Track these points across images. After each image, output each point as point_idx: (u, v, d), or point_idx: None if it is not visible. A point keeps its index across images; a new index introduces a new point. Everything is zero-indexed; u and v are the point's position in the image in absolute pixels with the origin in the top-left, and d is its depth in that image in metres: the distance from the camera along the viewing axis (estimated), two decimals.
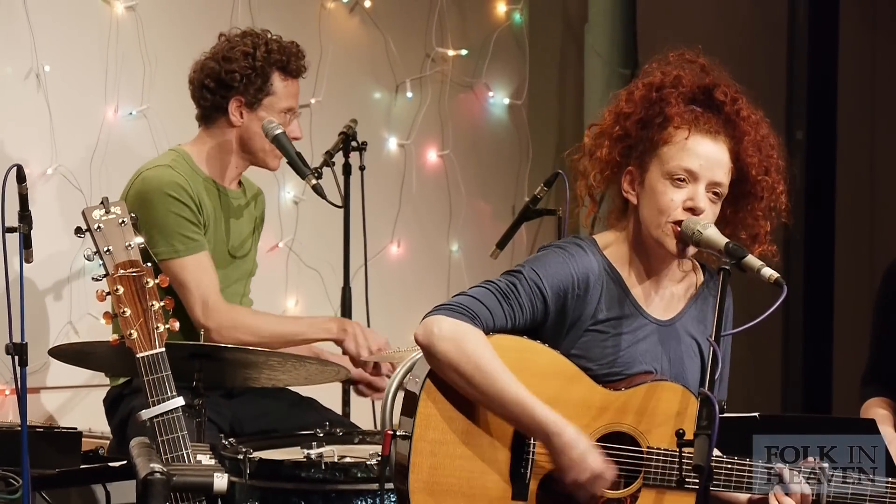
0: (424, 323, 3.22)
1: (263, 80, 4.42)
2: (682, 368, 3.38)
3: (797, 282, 6.83)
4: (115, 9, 5.20)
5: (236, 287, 4.54)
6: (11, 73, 4.97)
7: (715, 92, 3.35)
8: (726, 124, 3.33)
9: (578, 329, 3.31)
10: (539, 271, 3.29)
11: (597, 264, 3.34)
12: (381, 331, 4.58)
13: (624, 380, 3.31)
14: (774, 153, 3.40)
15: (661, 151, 3.31)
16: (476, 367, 3.17)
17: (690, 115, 3.31)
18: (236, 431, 4.34)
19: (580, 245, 3.36)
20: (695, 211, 3.27)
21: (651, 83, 3.37)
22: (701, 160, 3.29)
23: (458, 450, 3.21)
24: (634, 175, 3.35)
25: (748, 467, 3.27)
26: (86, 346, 3.96)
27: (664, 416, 3.28)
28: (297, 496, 3.76)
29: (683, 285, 3.44)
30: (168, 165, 4.37)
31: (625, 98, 3.39)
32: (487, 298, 3.25)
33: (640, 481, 3.27)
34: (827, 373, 6.93)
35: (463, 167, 6.29)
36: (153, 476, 2.74)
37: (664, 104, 3.32)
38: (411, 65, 6.15)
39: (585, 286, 3.30)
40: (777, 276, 3.13)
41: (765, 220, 3.41)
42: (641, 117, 3.34)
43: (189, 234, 4.31)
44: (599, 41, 6.61)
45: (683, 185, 3.28)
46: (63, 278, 5.03)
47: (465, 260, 6.19)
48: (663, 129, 3.31)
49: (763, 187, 3.38)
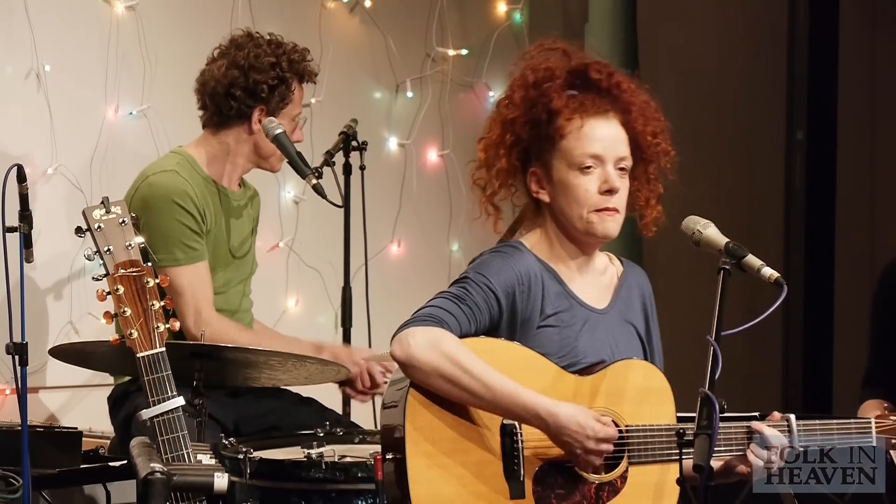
0: (397, 339, 3.21)
1: (287, 89, 4.47)
2: (631, 352, 3.42)
3: (797, 281, 6.84)
4: (116, 8, 5.20)
5: (238, 287, 4.55)
6: (12, 72, 4.97)
7: (589, 72, 3.38)
8: (611, 100, 3.37)
9: (530, 327, 3.33)
10: (486, 273, 3.31)
11: (533, 262, 3.37)
12: (382, 331, 4.58)
13: (586, 368, 3.34)
14: (659, 115, 3.43)
15: (560, 146, 3.33)
16: (459, 368, 3.18)
17: (575, 102, 3.34)
18: (239, 430, 4.34)
19: (514, 246, 3.39)
20: (611, 192, 3.31)
21: (526, 82, 3.39)
22: (602, 142, 3.32)
23: (451, 458, 3.21)
24: (540, 175, 3.37)
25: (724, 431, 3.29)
26: (86, 346, 3.97)
27: (634, 393, 3.31)
28: (298, 496, 3.76)
29: (607, 277, 3.49)
30: (175, 171, 4.37)
31: (505, 104, 3.41)
32: (447, 305, 3.26)
33: (625, 461, 3.29)
34: (827, 372, 6.93)
35: (463, 167, 6.29)
36: (153, 476, 2.74)
37: (545, 99, 3.34)
38: (411, 64, 6.15)
39: (528, 284, 3.33)
40: (777, 275, 3.13)
41: (656, 183, 3.44)
42: (529, 118, 3.36)
43: (191, 243, 4.31)
44: (599, 41, 6.60)
45: (592, 170, 3.32)
46: (63, 278, 5.03)
47: (465, 260, 6.19)
48: (553, 123, 3.33)
49: (655, 151, 3.41)
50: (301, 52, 4.53)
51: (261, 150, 4.50)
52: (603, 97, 3.36)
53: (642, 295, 3.51)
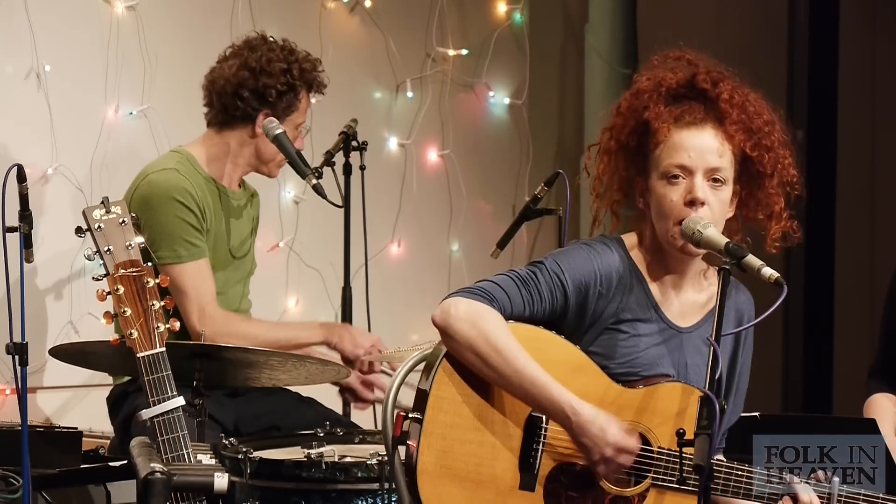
0: (442, 305, 3.23)
1: (294, 97, 4.47)
2: (697, 377, 3.34)
3: (798, 281, 6.84)
4: (116, 8, 5.20)
5: (237, 288, 4.55)
6: (12, 72, 4.97)
7: (696, 81, 3.36)
8: (711, 109, 3.33)
9: (599, 327, 3.31)
10: (562, 264, 3.29)
11: (621, 263, 3.33)
12: (382, 330, 4.59)
13: (640, 380, 3.30)
14: (771, 128, 3.36)
15: (653, 156, 3.32)
16: (493, 347, 3.17)
17: (668, 113, 3.32)
18: (239, 430, 4.34)
19: (606, 244, 3.36)
20: (694, 202, 3.26)
21: (633, 91, 3.39)
22: (689, 151, 3.28)
23: (469, 435, 3.21)
24: (642, 185, 3.36)
25: (747, 473, 3.26)
26: (86, 346, 3.97)
27: (680, 418, 3.26)
28: (298, 496, 3.76)
29: (705, 295, 3.42)
30: (174, 169, 4.37)
31: (615, 111, 3.41)
32: (507, 284, 3.26)
33: (648, 481, 3.27)
34: (827, 372, 6.93)
35: (463, 167, 6.29)
36: (153, 476, 2.74)
37: (643, 109, 3.34)
38: (412, 64, 6.15)
39: (608, 284, 3.30)
40: (777, 275, 3.12)
41: (778, 197, 3.36)
42: (632, 128, 3.35)
43: (193, 239, 4.32)
44: (599, 41, 6.61)
45: (680, 181, 3.28)
46: (63, 278, 5.04)
47: (465, 260, 6.19)
48: (648, 133, 3.32)
49: (767, 163, 3.34)
50: (313, 61, 4.54)
51: (262, 155, 4.51)
52: (707, 106, 3.33)
53: (739, 321, 3.41)
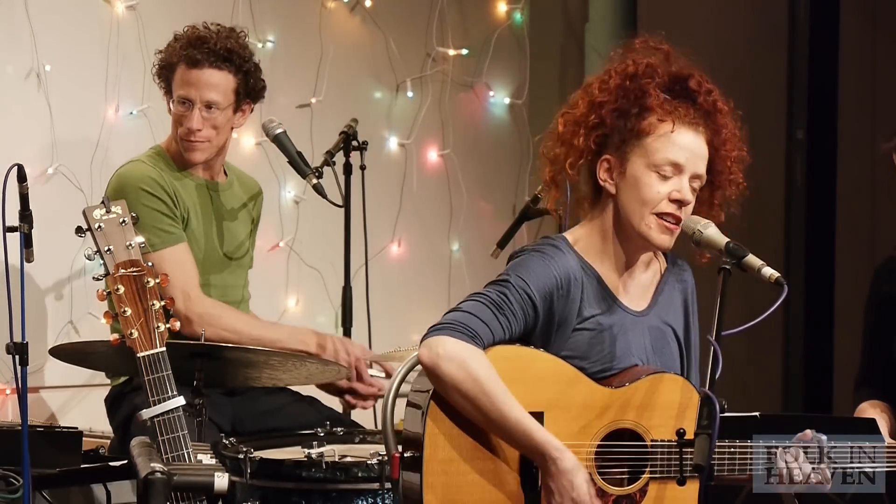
0: (427, 344, 3.20)
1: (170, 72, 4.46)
2: (665, 356, 3.39)
3: (797, 281, 6.84)
4: (116, 8, 5.20)
5: (236, 287, 4.54)
6: (12, 72, 4.97)
7: (689, 82, 3.36)
8: (704, 116, 3.34)
9: (566, 329, 3.31)
10: (526, 278, 3.28)
11: (574, 262, 3.34)
12: (382, 330, 4.58)
13: (617, 375, 3.31)
14: (742, 146, 3.41)
15: (644, 142, 3.30)
16: (480, 390, 3.17)
17: (671, 107, 3.31)
18: (237, 430, 4.34)
19: (556, 245, 3.36)
20: (682, 203, 3.28)
21: (626, 72, 3.36)
22: (687, 153, 3.29)
23: (468, 467, 3.21)
24: (612, 164, 3.33)
25: (749, 450, 3.28)
26: (86, 346, 3.97)
27: (665, 407, 3.28)
28: (298, 496, 3.76)
29: (650, 273, 3.45)
30: (141, 161, 4.41)
31: (598, 86, 3.37)
32: (483, 313, 3.23)
33: (646, 475, 3.28)
34: (827, 372, 6.94)
35: (464, 167, 6.29)
36: (154, 476, 2.74)
37: (642, 94, 3.31)
38: (412, 64, 6.15)
39: (567, 286, 3.30)
40: (778, 275, 3.13)
41: (719, 210, 3.42)
42: (618, 107, 3.32)
43: (164, 227, 4.31)
44: (599, 41, 6.60)
45: (669, 177, 3.29)
46: (63, 278, 5.03)
47: (465, 259, 6.19)
48: (643, 119, 3.30)
49: (728, 178, 3.39)
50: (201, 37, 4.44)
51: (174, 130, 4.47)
52: (697, 110, 3.33)
53: (683, 292, 3.48)
